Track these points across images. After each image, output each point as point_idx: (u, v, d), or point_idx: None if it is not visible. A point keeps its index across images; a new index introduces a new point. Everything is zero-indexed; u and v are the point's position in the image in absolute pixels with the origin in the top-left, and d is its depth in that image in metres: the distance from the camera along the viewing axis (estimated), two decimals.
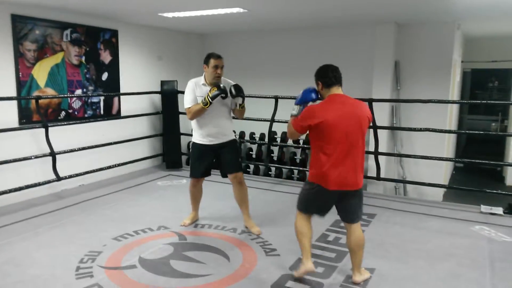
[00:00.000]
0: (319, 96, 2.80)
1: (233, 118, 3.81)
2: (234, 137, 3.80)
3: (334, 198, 2.71)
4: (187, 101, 3.59)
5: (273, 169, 6.27)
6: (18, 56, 4.51)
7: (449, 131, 5.79)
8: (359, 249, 2.80)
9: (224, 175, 3.80)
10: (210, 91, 3.46)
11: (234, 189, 3.80)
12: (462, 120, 9.03)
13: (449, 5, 4.33)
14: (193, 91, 3.59)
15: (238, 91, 3.50)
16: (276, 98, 5.44)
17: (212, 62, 3.51)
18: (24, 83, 4.59)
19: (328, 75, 2.70)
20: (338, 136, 2.58)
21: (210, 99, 3.43)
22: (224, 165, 3.75)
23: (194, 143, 3.76)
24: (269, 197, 4.92)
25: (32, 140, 4.71)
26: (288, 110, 5.24)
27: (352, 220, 2.78)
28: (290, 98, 5.31)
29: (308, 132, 2.72)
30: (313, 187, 2.71)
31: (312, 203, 2.79)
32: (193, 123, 3.67)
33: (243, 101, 3.59)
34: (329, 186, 2.62)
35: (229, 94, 3.52)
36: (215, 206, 4.45)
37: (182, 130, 6.38)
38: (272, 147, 6.30)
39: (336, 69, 2.74)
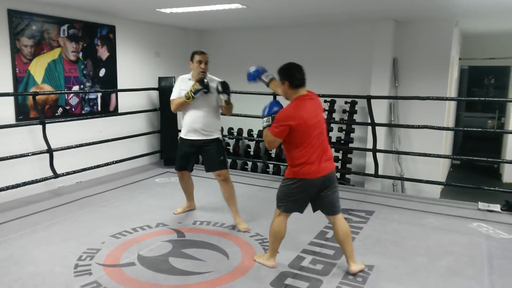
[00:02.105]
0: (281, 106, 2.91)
1: (222, 114, 3.89)
2: (219, 135, 3.84)
3: (317, 187, 2.82)
4: (172, 94, 3.82)
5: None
6: (15, 52, 4.47)
7: (447, 128, 5.79)
8: (348, 238, 2.93)
9: (207, 170, 3.87)
10: (193, 85, 3.61)
11: (220, 187, 3.86)
12: (459, 118, 9.03)
13: (448, 1, 4.33)
14: (179, 86, 3.78)
15: (224, 88, 3.60)
16: (274, 96, 5.43)
17: (196, 57, 3.67)
18: (21, 79, 4.56)
19: (296, 77, 2.82)
20: (313, 131, 2.77)
21: (192, 94, 3.58)
22: (206, 163, 3.86)
23: (180, 137, 3.92)
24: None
25: (29, 136, 4.68)
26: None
27: (335, 212, 2.93)
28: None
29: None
30: (295, 182, 2.83)
31: (293, 198, 2.87)
32: (183, 118, 3.82)
33: (228, 99, 3.64)
34: (314, 175, 2.78)
35: (215, 92, 3.64)
36: (214, 203, 4.45)
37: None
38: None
39: (301, 69, 2.86)
